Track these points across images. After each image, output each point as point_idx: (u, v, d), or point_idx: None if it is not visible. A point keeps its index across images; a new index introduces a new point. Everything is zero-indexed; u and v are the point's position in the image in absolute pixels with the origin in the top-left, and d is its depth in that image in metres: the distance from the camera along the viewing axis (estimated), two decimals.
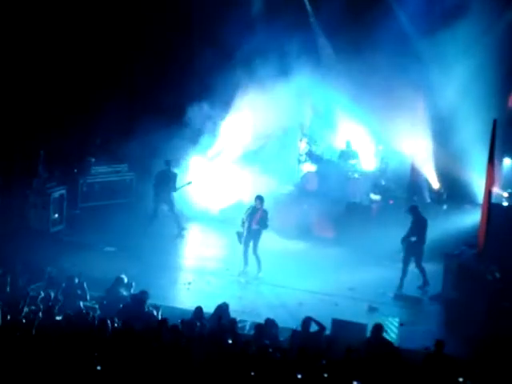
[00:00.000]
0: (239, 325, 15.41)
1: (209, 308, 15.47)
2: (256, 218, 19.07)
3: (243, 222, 19.13)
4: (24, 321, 13.78)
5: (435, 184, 22.32)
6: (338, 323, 15.35)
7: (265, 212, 19.19)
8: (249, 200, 20.07)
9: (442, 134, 21.75)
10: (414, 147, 22.45)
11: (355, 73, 22.02)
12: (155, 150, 22.85)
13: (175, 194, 21.59)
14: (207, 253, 20.69)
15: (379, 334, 14.30)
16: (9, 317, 13.86)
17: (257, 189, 20.86)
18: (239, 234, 19.24)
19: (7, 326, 13.53)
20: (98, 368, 12.16)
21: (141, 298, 15.51)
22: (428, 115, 21.98)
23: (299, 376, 12.02)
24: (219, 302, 15.74)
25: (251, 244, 19.19)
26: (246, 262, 19.22)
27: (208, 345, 13.07)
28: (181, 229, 21.68)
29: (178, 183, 21.68)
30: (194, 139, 23.36)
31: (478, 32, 21.18)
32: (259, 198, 19.23)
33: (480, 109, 20.17)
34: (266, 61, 22.54)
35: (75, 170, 22.24)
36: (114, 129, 23.04)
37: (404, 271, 18.68)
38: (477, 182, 20.16)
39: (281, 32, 22.25)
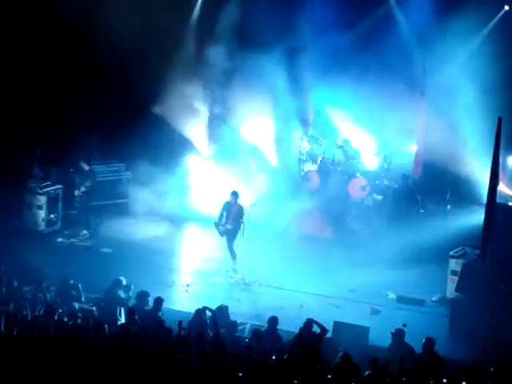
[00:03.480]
0: (239, 327, 15.24)
1: None
2: (232, 215, 18.90)
3: (221, 217, 19.06)
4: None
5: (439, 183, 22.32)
6: (339, 326, 15.18)
7: (241, 208, 19.06)
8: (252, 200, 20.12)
9: (447, 132, 21.64)
10: (416, 146, 22.44)
11: (357, 71, 21.88)
12: (154, 148, 22.72)
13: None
14: (206, 254, 20.50)
15: (401, 339, 14.20)
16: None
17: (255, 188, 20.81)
18: (216, 225, 19.17)
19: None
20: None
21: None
22: (431, 114, 21.90)
23: (298, 380, 11.76)
24: (218, 304, 15.55)
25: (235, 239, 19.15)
26: (233, 257, 19.10)
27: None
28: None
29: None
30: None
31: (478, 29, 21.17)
32: (234, 194, 19.10)
33: (485, 106, 20.12)
34: (266, 57, 22.41)
35: (71, 170, 21.98)
36: (111, 127, 22.83)
37: None
38: (481, 182, 19.97)
39: (280, 27, 22.18)
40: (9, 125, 22.16)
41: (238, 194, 19.16)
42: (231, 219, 19.01)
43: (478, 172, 20.49)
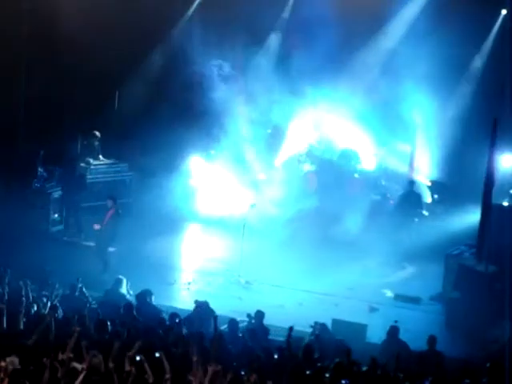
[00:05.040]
0: (240, 325, 15.31)
1: None
2: (105, 219, 18.77)
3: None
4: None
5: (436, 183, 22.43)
6: (337, 323, 15.37)
7: (115, 213, 18.81)
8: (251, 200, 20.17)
9: (443, 133, 21.75)
10: (415, 146, 22.57)
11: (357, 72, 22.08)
12: (155, 148, 22.86)
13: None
14: (207, 253, 20.64)
15: (396, 336, 14.44)
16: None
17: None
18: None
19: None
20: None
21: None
22: (430, 113, 22.02)
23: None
24: (219, 302, 15.75)
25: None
26: (104, 267, 18.60)
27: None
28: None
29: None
30: (199, 138, 23.36)
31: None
32: (110, 198, 18.98)
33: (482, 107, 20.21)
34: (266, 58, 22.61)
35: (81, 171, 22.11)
36: (114, 127, 22.99)
37: None
38: (478, 182, 20.10)
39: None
40: (13, 125, 22.25)
41: (115, 199, 18.97)
42: (104, 222, 18.78)
43: (475, 172, 20.60)
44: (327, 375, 12.03)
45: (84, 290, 16.07)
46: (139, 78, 23.72)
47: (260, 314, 14.94)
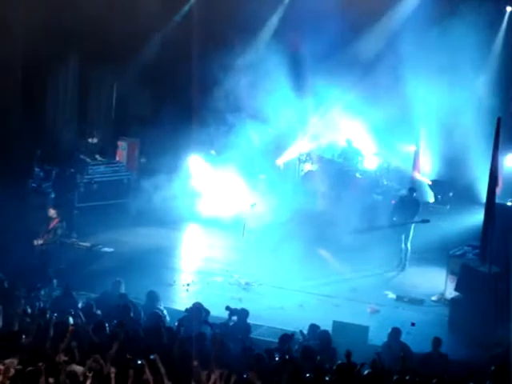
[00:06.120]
0: None
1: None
2: (48, 229, 18.35)
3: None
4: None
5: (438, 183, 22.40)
6: (339, 325, 15.26)
7: (60, 223, 18.41)
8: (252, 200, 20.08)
9: (447, 133, 21.71)
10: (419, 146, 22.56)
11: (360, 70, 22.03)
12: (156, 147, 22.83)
13: None
14: (207, 254, 20.54)
15: (398, 338, 14.36)
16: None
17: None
18: None
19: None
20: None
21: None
22: (431, 113, 21.96)
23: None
24: (218, 303, 15.61)
25: None
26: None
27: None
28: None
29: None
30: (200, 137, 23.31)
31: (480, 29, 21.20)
32: (54, 208, 18.61)
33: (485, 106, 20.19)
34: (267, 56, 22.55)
35: (72, 170, 22.00)
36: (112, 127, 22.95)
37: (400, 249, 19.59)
38: (482, 182, 20.06)
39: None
40: (9, 124, 22.18)
41: (60, 207, 18.66)
42: (47, 233, 18.39)
43: (478, 172, 20.58)
44: (327, 378, 11.89)
45: (73, 293, 15.92)
46: (138, 76, 23.60)
47: (244, 313, 14.76)
